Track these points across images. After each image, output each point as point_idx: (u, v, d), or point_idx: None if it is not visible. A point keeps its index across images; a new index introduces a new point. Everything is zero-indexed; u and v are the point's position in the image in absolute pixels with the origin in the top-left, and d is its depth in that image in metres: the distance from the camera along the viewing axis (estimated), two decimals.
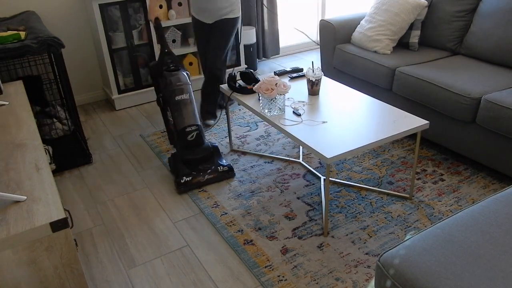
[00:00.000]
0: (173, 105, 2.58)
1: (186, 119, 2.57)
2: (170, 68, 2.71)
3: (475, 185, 2.44)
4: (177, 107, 2.57)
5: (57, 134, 2.82)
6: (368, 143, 1.99)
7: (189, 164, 2.55)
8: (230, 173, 2.59)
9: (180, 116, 2.57)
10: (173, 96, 2.58)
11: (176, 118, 2.58)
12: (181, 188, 2.48)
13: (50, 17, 3.44)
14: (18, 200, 1.30)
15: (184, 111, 2.57)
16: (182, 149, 2.58)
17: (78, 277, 1.32)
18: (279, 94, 2.24)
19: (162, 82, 2.69)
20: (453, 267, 1.13)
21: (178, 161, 2.55)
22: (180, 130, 2.56)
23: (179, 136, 2.56)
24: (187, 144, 2.57)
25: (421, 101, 2.67)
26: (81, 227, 2.31)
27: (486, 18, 2.82)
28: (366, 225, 2.19)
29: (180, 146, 2.59)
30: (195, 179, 2.50)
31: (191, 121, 2.57)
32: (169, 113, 2.68)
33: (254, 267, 1.97)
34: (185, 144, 2.57)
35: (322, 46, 3.51)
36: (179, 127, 2.57)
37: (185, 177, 2.48)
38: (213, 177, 2.54)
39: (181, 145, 2.57)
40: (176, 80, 2.61)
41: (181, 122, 2.57)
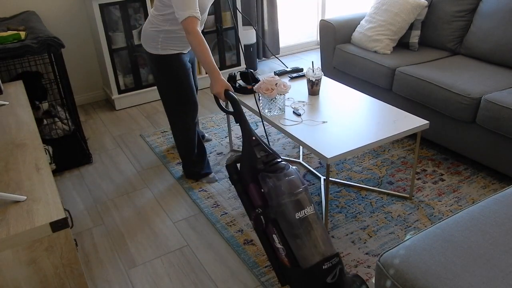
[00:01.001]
0: (289, 226, 1.60)
1: (319, 248, 1.60)
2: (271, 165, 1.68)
3: (475, 185, 2.44)
4: (299, 230, 1.59)
5: (57, 134, 2.82)
6: (368, 143, 1.99)
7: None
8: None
9: (307, 243, 1.59)
10: (287, 213, 1.60)
11: (299, 248, 1.59)
12: None
13: (50, 17, 3.44)
14: (18, 200, 1.30)
15: (312, 235, 1.60)
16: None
17: (78, 277, 1.32)
18: (279, 94, 2.24)
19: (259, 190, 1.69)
20: (453, 267, 1.13)
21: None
22: (312, 268, 1.57)
23: (311, 277, 1.59)
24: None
25: (421, 101, 2.67)
26: (81, 227, 2.31)
27: (486, 18, 2.82)
28: (366, 225, 2.19)
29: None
30: None
31: (328, 251, 1.60)
32: (276, 237, 1.64)
33: (254, 267, 1.97)
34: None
35: (322, 46, 3.51)
36: (307, 262, 1.58)
37: None
38: None
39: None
40: (291, 185, 1.62)
41: (309, 253, 1.59)
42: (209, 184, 2.59)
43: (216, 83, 1.95)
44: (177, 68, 2.29)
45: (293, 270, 1.62)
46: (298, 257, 1.60)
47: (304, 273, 1.59)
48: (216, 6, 3.76)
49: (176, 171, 2.72)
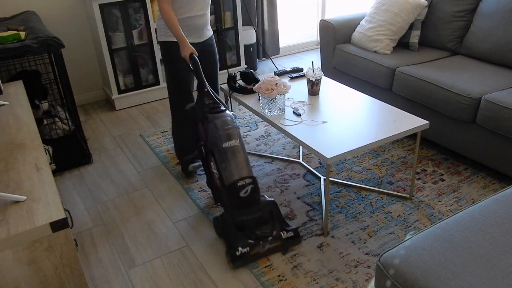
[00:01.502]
0: (219, 154, 2.07)
1: (237, 171, 2.05)
2: (214, 110, 2.18)
3: (475, 185, 2.44)
4: (225, 156, 2.06)
5: (57, 134, 2.82)
6: (368, 143, 1.99)
7: (244, 228, 2.06)
8: (296, 239, 2.08)
9: (229, 167, 2.05)
10: (219, 143, 2.07)
11: (224, 170, 2.06)
12: (237, 262, 1.97)
13: (50, 17, 3.44)
14: (18, 200, 1.30)
15: (234, 160, 2.06)
16: (234, 208, 2.06)
17: (78, 277, 1.32)
18: (279, 94, 2.24)
19: (203, 127, 2.17)
20: (453, 267, 1.13)
21: (230, 226, 2.04)
22: (230, 185, 2.03)
23: (229, 192, 2.05)
24: (240, 202, 2.05)
25: (421, 101, 2.67)
26: (81, 227, 2.31)
27: (486, 18, 2.82)
28: (366, 225, 2.19)
29: (230, 205, 2.07)
30: (254, 250, 2.00)
31: (243, 173, 2.06)
32: (212, 164, 2.12)
33: (254, 267, 1.97)
34: (237, 203, 2.06)
35: (322, 46, 3.51)
36: (228, 181, 2.04)
37: (241, 248, 1.98)
38: (276, 246, 2.04)
39: (232, 203, 2.06)
40: (223, 123, 2.11)
41: (230, 174, 2.05)
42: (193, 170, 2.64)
43: (184, 48, 2.28)
44: (176, 57, 2.44)
45: (222, 190, 2.10)
46: (224, 178, 2.06)
47: (226, 190, 2.06)
48: (216, 6, 3.76)
49: (176, 171, 2.72)
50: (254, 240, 2.03)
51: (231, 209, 2.07)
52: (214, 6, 3.76)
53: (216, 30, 3.84)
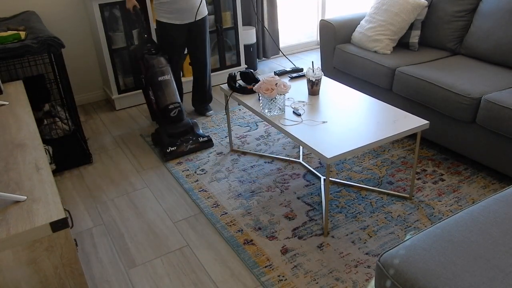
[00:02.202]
0: (155, 85, 2.85)
1: (169, 98, 2.86)
2: (151, 52, 2.94)
3: (475, 185, 2.44)
4: (160, 87, 2.85)
5: (57, 134, 2.82)
6: (368, 143, 1.99)
7: (172, 137, 2.85)
8: (209, 143, 2.92)
9: (163, 95, 2.85)
10: (155, 77, 2.85)
11: (159, 97, 2.85)
12: (167, 157, 2.79)
13: (50, 17, 3.44)
14: (18, 200, 1.30)
15: (167, 90, 2.86)
16: (165, 124, 2.87)
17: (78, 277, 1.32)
18: (279, 94, 2.24)
19: (143, 65, 2.92)
20: (453, 267, 1.13)
21: (163, 135, 2.85)
22: (164, 108, 2.85)
23: (162, 113, 2.86)
24: (170, 119, 2.87)
25: (421, 101, 2.67)
26: (81, 227, 2.31)
27: (486, 18, 2.82)
28: (366, 225, 2.19)
29: (163, 122, 2.88)
30: (179, 148, 2.82)
31: (173, 99, 2.87)
32: (151, 92, 2.91)
33: (254, 267, 1.98)
34: (168, 120, 2.87)
35: (322, 46, 3.51)
36: (162, 105, 2.85)
37: (170, 147, 2.79)
38: (195, 147, 2.87)
39: (165, 121, 2.87)
40: (158, 62, 2.88)
41: (164, 100, 2.85)
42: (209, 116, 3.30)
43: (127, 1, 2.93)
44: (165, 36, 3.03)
45: (157, 112, 2.95)
46: (159, 102, 2.89)
47: (160, 110, 2.89)
48: (216, 6, 3.76)
49: (176, 171, 2.73)
50: (179, 143, 2.84)
51: (164, 124, 2.89)
52: (214, 6, 3.76)
53: (216, 30, 3.84)
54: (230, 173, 2.67)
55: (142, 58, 2.92)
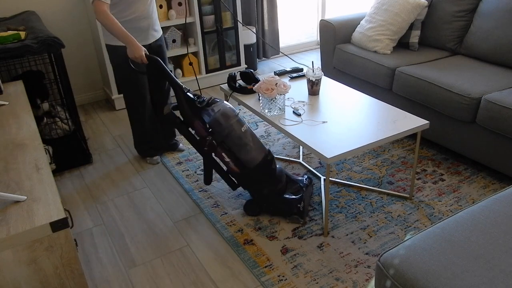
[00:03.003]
0: (237, 141, 2.13)
1: (262, 148, 2.20)
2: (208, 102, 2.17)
3: (475, 185, 2.44)
4: (246, 139, 2.15)
5: (57, 134, 2.82)
6: (368, 143, 1.99)
7: (281, 194, 2.23)
8: (312, 182, 2.41)
9: (253, 148, 2.16)
10: (234, 132, 2.13)
11: (248, 153, 2.15)
12: (304, 215, 2.21)
13: (50, 17, 3.44)
14: (18, 200, 1.30)
15: (255, 140, 2.19)
16: (268, 181, 2.21)
17: (78, 277, 1.32)
18: (279, 94, 2.24)
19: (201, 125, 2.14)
20: (453, 267, 1.13)
21: (275, 196, 2.22)
22: (261, 162, 2.17)
23: (262, 169, 2.17)
24: (272, 173, 2.21)
25: (421, 101, 2.67)
26: (81, 227, 2.31)
27: (486, 18, 2.82)
28: (366, 225, 2.19)
29: (265, 180, 2.21)
30: (304, 201, 2.22)
31: (265, 148, 2.23)
32: (224, 154, 2.15)
33: (254, 267, 1.98)
34: (271, 175, 2.21)
35: (322, 46, 3.51)
36: (256, 160, 2.16)
37: (299, 205, 2.20)
38: (307, 194, 2.32)
39: (267, 178, 2.20)
40: (229, 111, 2.15)
41: (257, 154, 2.17)
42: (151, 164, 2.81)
43: (136, 48, 2.21)
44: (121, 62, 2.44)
45: (244, 172, 2.18)
46: (247, 161, 2.16)
47: (256, 169, 2.17)
48: (216, 6, 3.77)
49: (176, 171, 2.72)
50: (298, 197, 2.22)
51: (266, 182, 2.21)
52: (214, 6, 3.76)
53: (216, 30, 3.84)
54: None
55: (200, 116, 2.14)
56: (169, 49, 3.73)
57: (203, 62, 3.89)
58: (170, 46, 3.74)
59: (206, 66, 3.93)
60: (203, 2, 3.72)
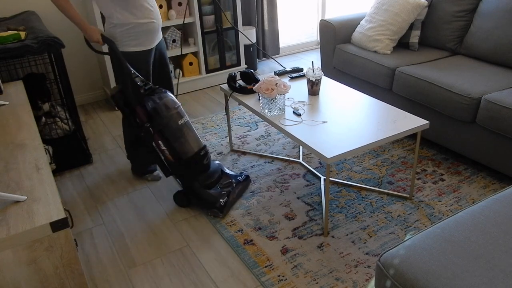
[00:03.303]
0: (174, 132, 2.21)
1: (197, 143, 2.29)
2: (149, 90, 2.24)
3: (475, 185, 2.44)
4: (182, 132, 2.24)
5: (57, 134, 2.82)
6: (368, 143, 1.99)
7: (210, 188, 2.33)
8: (248, 180, 2.52)
9: (187, 141, 2.25)
10: (172, 122, 2.21)
11: (181, 145, 2.23)
12: (224, 210, 2.29)
13: (50, 17, 3.44)
14: (18, 200, 1.30)
15: (190, 134, 2.27)
16: (194, 177, 2.30)
17: (78, 277, 1.32)
18: (279, 94, 2.24)
19: (142, 111, 2.20)
20: (453, 267, 1.13)
21: (201, 189, 2.30)
22: (193, 156, 2.26)
23: (193, 162, 2.26)
24: (203, 168, 2.31)
25: (421, 101, 2.67)
26: (81, 227, 2.31)
27: (486, 18, 2.82)
28: (366, 225, 2.19)
29: (195, 173, 2.30)
30: (230, 197, 2.33)
31: (201, 143, 2.32)
32: (161, 142, 2.22)
33: (254, 267, 1.98)
34: (201, 169, 2.31)
35: (322, 46, 3.51)
36: (188, 153, 2.25)
37: (221, 200, 2.28)
38: (241, 189, 2.43)
39: (197, 171, 2.30)
40: (171, 102, 2.23)
41: (189, 148, 2.25)
42: (153, 181, 2.66)
43: (91, 32, 2.25)
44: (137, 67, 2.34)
45: (178, 163, 2.26)
46: (181, 152, 2.23)
47: (188, 161, 2.25)
48: (216, 6, 3.76)
49: None
50: (225, 191, 2.33)
51: (196, 176, 2.31)
52: (214, 6, 3.76)
53: (216, 30, 3.84)
54: None
55: (141, 102, 2.21)
56: (169, 49, 3.73)
57: (203, 62, 3.89)
58: (170, 46, 3.74)
59: (206, 66, 3.93)
60: (203, 2, 3.72)
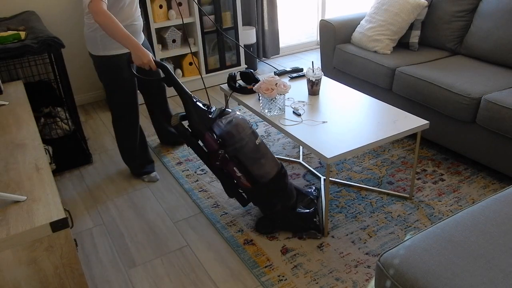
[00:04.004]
0: (252, 153, 2.00)
1: (275, 162, 2.09)
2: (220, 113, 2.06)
3: (475, 185, 2.44)
4: (260, 153, 2.03)
5: (57, 134, 2.82)
6: (368, 143, 1.99)
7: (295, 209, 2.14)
8: (319, 192, 2.36)
9: (267, 162, 2.05)
10: (249, 144, 2.00)
11: (261, 167, 2.02)
12: (319, 227, 2.12)
13: (50, 17, 3.44)
14: (18, 200, 1.31)
15: (268, 154, 2.07)
16: (282, 196, 2.10)
17: (78, 277, 1.32)
18: (279, 94, 2.24)
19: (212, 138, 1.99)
20: (453, 267, 1.13)
21: (290, 211, 2.11)
22: (276, 176, 2.05)
23: (276, 184, 2.06)
24: (285, 188, 2.10)
25: (421, 101, 2.67)
26: (81, 227, 2.31)
27: (486, 18, 2.82)
28: (366, 225, 2.19)
29: (278, 195, 2.09)
30: (318, 215, 2.14)
31: (278, 162, 2.12)
32: (235, 168, 2.01)
33: (254, 267, 1.98)
34: (284, 189, 2.10)
35: (322, 46, 3.51)
36: (270, 175, 2.04)
37: (315, 219, 2.11)
38: (319, 204, 2.28)
39: (280, 192, 2.09)
40: (244, 123, 2.03)
41: (270, 168, 2.05)
42: (151, 182, 2.64)
43: (143, 54, 2.00)
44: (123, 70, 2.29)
45: (256, 187, 2.04)
46: (259, 175, 2.03)
47: (269, 183, 2.04)
48: (216, 6, 3.76)
49: (176, 171, 2.72)
50: (312, 211, 2.13)
51: (280, 198, 2.09)
52: (214, 6, 3.76)
53: (216, 30, 3.84)
54: None
55: (210, 128, 2.00)
56: (169, 49, 3.73)
57: (203, 62, 3.89)
58: (170, 46, 3.74)
59: (206, 66, 3.93)
60: (203, 2, 3.72)
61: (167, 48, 3.73)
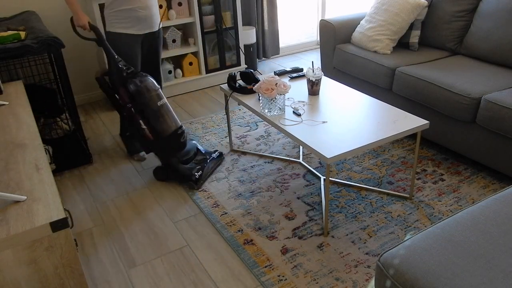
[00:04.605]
0: (153, 112, 2.46)
1: (174, 122, 2.56)
2: (132, 73, 2.49)
3: (475, 185, 2.44)
4: (160, 112, 2.49)
5: (57, 134, 2.82)
6: (368, 143, 1.99)
7: (187, 163, 2.60)
8: (222, 157, 2.79)
9: (165, 121, 2.51)
10: (151, 103, 2.46)
11: (160, 124, 2.48)
12: (199, 182, 2.53)
13: (50, 17, 3.44)
14: (18, 200, 1.31)
15: (169, 114, 2.54)
16: (172, 153, 2.57)
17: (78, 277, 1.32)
18: (279, 94, 2.24)
19: (125, 92, 2.44)
20: (453, 267, 1.13)
21: (178, 164, 2.56)
22: (172, 134, 2.53)
23: (167, 141, 2.52)
24: (180, 146, 2.58)
25: (421, 101, 2.67)
26: (81, 227, 2.31)
27: (486, 18, 2.82)
28: (366, 225, 2.19)
29: (172, 150, 2.56)
30: (204, 170, 2.58)
31: (178, 123, 2.59)
32: (141, 121, 2.47)
33: (254, 267, 1.98)
34: (178, 147, 2.58)
35: (322, 46, 3.51)
36: (167, 132, 2.51)
37: (196, 173, 2.53)
38: (214, 164, 2.69)
39: (175, 148, 2.57)
40: (151, 85, 2.50)
41: (167, 127, 2.52)
42: (138, 161, 2.87)
43: (81, 17, 2.48)
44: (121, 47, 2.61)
45: (157, 141, 2.51)
46: (160, 130, 2.50)
47: (167, 139, 2.52)
48: (216, 6, 3.76)
49: None
50: (200, 166, 2.59)
51: (170, 154, 2.56)
52: (214, 6, 3.76)
53: (216, 30, 3.84)
54: (230, 173, 2.67)
55: (125, 84, 2.44)
56: (169, 49, 3.73)
57: (203, 62, 3.89)
58: (170, 46, 3.74)
59: (206, 66, 3.93)
60: (203, 2, 3.72)
61: (167, 48, 3.73)
